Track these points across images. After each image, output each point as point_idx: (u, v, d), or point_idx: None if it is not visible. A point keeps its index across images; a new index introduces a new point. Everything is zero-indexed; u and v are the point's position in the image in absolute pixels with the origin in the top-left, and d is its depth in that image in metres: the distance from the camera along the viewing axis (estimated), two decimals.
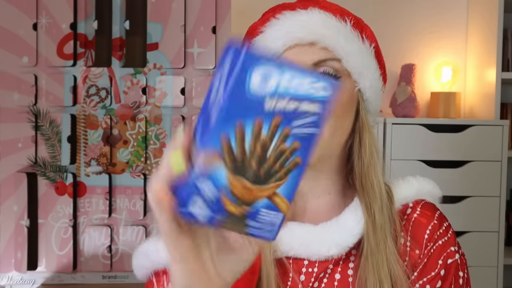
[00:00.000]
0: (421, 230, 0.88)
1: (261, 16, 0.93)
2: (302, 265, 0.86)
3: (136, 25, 2.05)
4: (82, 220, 2.05)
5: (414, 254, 0.86)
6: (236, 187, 0.50)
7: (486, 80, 2.40)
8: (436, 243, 0.87)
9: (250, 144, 0.49)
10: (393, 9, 2.61)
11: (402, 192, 0.90)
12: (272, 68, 0.49)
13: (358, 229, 0.85)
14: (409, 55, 2.60)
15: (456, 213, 2.22)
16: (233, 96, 0.48)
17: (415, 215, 0.89)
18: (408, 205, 0.90)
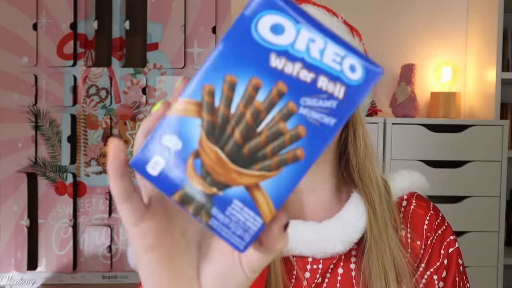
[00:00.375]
0: (419, 221, 0.89)
1: None
2: (306, 262, 0.87)
3: (136, 25, 2.05)
4: (82, 220, 2.05)
5: (416, 245, 0.88)
6: (208, 155, 0.39)
7: (486, 80, 2.40)
8: (436, 233, 0.89)
9: (238, 105, 0.38)
10: (393, 9, 2.61)
11: (397, 185, 0.92)
12: (293, 20, 0.37)
13: (362, 223, 0.85)
14: (409, 55, 2.60)
15: (456, 213, 2.22)
16: (231, 40, 0.38)
17: (412, 207, 0.91)
18: (403, 198, 0.92)
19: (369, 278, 0.84)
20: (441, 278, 0.87)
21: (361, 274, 0.85)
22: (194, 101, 0.38)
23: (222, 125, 0.38)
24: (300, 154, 0.38)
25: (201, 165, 0.38)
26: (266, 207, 0.39)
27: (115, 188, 0.41)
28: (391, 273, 0.83)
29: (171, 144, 0.39)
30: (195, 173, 0.39)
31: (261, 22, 0.37)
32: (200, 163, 0.38)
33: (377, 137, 2.22)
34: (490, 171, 2.24)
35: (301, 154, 0.38)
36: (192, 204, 0.39)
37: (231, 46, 0.38)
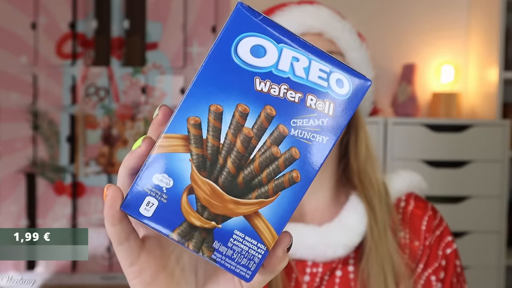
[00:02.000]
0: (418, 221, 0.90)
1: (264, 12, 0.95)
2: (306, 265, 0.86)
3: (136, 25, 2.05)
4: (81, 220, 2.04)
5: (414, 246, 0.88)
6: (202, 190, 0.38)
7: (488, 80, 2.39)
8: (434, 234, 0.89)
9: (226, 134, 0.37)
10: (394, 9, 2.60)
11: (395, 186, 0.92)
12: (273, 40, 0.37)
13: (362, 227, 0.86)
14: (410, 55, 2.59)
15: (457, 214, 2.21)
16: (212, 66, 0.37)
17: (410, 208, 0.91)
18: (401, 199, 0.92)
19: (368, 280, 0.84)
20: (439, 279, 0.87)
21: (359, 276, 0.85)
22: (180, 136, 0.37)
23: (213, 156, 0.37)
24: (296, 176, 0.38)
25: (196, 200, 0.38)
26: (268, 233, 0.38)
27: (112, 233, 0.41)
28: (390, 276, 0.83)
29: (162, 182, 0.38)
30: (191, 209, 0.38)
31: (241, 46, 0.37)
32: (195, 198, 0.38)
33: (377, 137, 2.21)
34: (492, 171, 2.23)
35: (297, 176, 0.38)
36: (192, 241, 0.38)
37: (212, 73, 0.37)
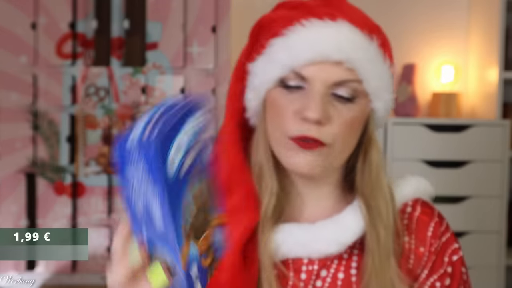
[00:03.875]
0: (424, 228, 0.88)
1: (275, 7, 0.89)
2: (301, 263, 0.86)
3: (136, 24, 2.05)
4: (81, 220, 2.04)
5: (419, 252, 0.87)
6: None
7: (488, 80, 2.39)
8: (441, 240, 0.88)
9: None
10: (394, 9, 2.60)
11: (402, 191, 0.90)
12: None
13: (358, 228, 0.85)
14: (410, 55, 2.59)
15: (457, 214, 2.21)
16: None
17: (417, 213, 0.89)
18: (408, 204, 0.90)
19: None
20: (445, 286, 0.87)
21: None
22: None
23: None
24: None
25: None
26: None
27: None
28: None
29: None
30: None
31: None
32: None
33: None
34: (492, 171, 2.23)
35: None
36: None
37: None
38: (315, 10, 0.83)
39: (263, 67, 0.84)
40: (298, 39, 0.81)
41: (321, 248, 0.84)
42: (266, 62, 0.84)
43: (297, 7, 0.85)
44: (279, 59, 0.82)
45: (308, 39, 0.81)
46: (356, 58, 0.81)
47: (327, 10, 0.83)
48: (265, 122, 0.86)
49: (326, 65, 0.80)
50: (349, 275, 0.86)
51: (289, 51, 0.81)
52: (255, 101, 0.87)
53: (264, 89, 0.84)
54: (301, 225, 0.86)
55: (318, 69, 0.80)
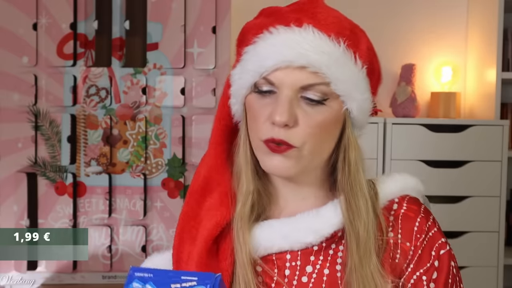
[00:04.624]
0: (410, 223, 0.90)
1: (258, 14, 0.93)
2: (285, 260, 0.88)
3: (136, 25, 2.05)
4: (82, 220, 2.05)
5: (405, 246, 0.89)
6: None
7: (486, 80, 2.40)
8: (427, 235, 0.90)
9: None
10: (393, 9, 2.61)
11: (387, 188, 0.93)
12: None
13: (336, 221, 0.88)
14: (409, 55, 2.60)
15: (456, 213, 2.22)
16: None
17: (402, 210, 0.91)
18: (394, 201, 0.92)
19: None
20: (432, 280, 0.88)
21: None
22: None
23: None
24: None
25: None
26: None
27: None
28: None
29: None
30: None
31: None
32: None
33: (377, 137, 2.22)
34: (490, 171, 2.24)
35: None
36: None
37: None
38: (284, 17, 0.86)
39: (239, 74, 0.89)
40: (265, 46, 0.85)
41: (300, 237, 0.87)
42: (241, 69, 0.89)
43: (271, 14, 0.89)
44: (249, 66, 0.86)
45: (273, 46, 0.84)
46: (320, 62, 0.83)
47: (295, 15, 0.86)
48: (246, 125, 0.90)
49: (291, 70, 0.83)
50: (334, 270, 0.88)
51: (257, 58, 0.86)
52: (236, 106, 0.92)
53: (241, 94, 0.89)
54: (280, 219, 0.90)
55: (284, 75, 0.84)
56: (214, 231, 0.88)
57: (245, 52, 0.88)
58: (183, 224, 0.92)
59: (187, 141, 2.05)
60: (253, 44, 0.87)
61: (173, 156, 2.05)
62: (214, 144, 0.95)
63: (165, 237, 2.06)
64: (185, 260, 0.88)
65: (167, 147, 2.05)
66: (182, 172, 2.06)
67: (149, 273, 0.65)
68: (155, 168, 2.05)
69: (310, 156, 0.86)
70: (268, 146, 0.85)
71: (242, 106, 0.91)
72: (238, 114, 0.93)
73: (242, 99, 0.90)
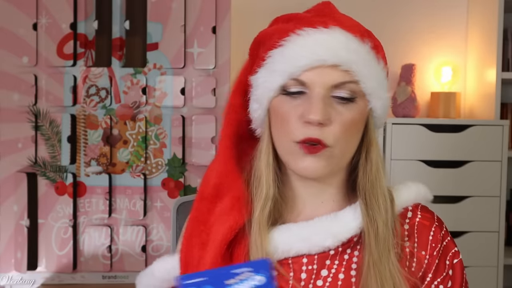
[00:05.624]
0: (425, 232, 0.92)
1: (272, 22, 0.94)
2: (301, 263, 0.88)
3: (136, 25, 2.05)
4: (82, 220, 2.05)
5: (421, 255, 0.90)
6: None
7: (486, 80, 2.40)
8: (442, 244, 0.91)
9: None
10: (393, 9, 2.61)
11: (402, 196, 0.93)
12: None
13: (355, 224, 0.88)
14: (409, 55, 2.60)
15: (456, 213, 2.22)
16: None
17: (417, 219, 0.93)
18: (408, 209, 0.93)
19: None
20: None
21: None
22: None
23: None
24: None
25: None
26: None
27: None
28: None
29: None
30: None
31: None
32: None
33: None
34: (490, 171, 2.24)
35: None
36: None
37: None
38: (309, 20, 0.88)
39: (264, 78, 0.89)
40: (294, 48, 0.86)
41: (318, 241, 0.87)
42: (267, 72, 0.88)
43: (291, 19, 0.90)
44: (278, 68, 0.86)
45: (304, 46, 0.85)
46: (351, 60, 0.85)
47: (319, 19, 0.88)
48: (269, 130, 0.90)
49: (323, 69, 0.85)
50: (349, 275, 0.88)
51: (287, 60, 0.86)
52: (259, 111, 0.91)
53: (267, 98, 0.89)
54: (298, 223, 0.90)
55: (316, 74, 0.85)
56: (228, 235, 0.87)
57: (270, 55, 0.88)
58: (192, 228, 0.91)
59: (187, 141, 2.05)
60: (280, 47, 0.87)
61: (173, 156, 2.05)
62: (224, 150, 0.94)
63: (165, 237, 2.06)
64: (195, 265, 0.87)
65: (167, 147, 2.05)
66: (182, 172, 2.06)
67: (200, 277, 0.65)
68: (155, 168, 2.05)
69: (341, 155, 0.87)
70: (303, 147, 0.85)
71: (265, 111, 0.90)
72: (260, 119, 0.92)
73: (267, 103, 0.89)
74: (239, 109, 0.95)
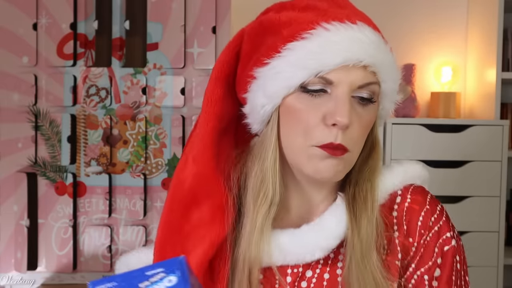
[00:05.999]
0: (414, 217, 0.86)
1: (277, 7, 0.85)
2: (287, 267, 0.85)
3: (136, 25, 2.05)
4: (82, 220, 2.05)
5: (408, 242, 0.85)
6: None
7: (486, 80, 2.40)
8: (431, 230, 0.85)
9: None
10: (393, 9, 2.61)
11: (386, 181, 0.88)
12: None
13: (339, 231, 0.83)
14: (409, 55, 2.60)
15: (456, 213, 2.22)
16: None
17: (406, 204, 0.87)
18: (397, 193, 0.88)
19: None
20: (434, 278, 0.85)
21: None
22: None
23: None
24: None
25: None
26: None
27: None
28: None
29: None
30: None
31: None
32: None
33: None
34: (490, 171, 2.24)
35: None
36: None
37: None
38: (332, 12, 0.80)
39: (280, 72, 0.80)
40: (325, 43, 0.78)
41: (306, 256, 0.83)
42: (285, 66, 0.79)
43: (306, 8, 0.82)
44: (304, 64, 0.78)
45: (337, 43, 0.78)
46: (382, 61, 0.81)
47: (341, 11, 0.81)
48: (278, 129, 0.83)
49: (354, 69, 0.78)
50: (335, 275, 0.85)
51: (316, 56, 0.78)
52: (267, 107, 0.82)
53: (282, 94, 0.80)
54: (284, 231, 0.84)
55: (344, 73, 0.78)
56: (210, 251, 0.81)
57: (289, 48, 0.79)
58: (165, 236, 0.84)
59: None
60: (302, 40, 0.79)
61: (173, 156, 2.05)
62: (202, 149, 0.84)
63: None
64: None
65: (167, 147, 2.05)
66: None
67: (110, 281, 0.61)
68: (155, 168, 2.05)
69: (355, 158, 0.83)
70: (327, 150, 0.79)
71: (274, 108, 0.82)
72: (265, 116, 0.83)
73: (280, 99, 0.81)
74: (221, 100, 0.88)
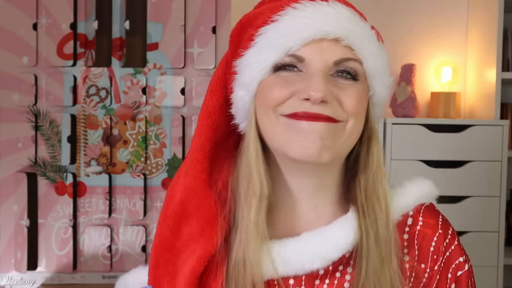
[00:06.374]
0: (426, 242, 0.83)
1: (256, 6, 0.85)
2: (288, 285, 0.80)
3: (136, 25, 2.05)
4: (82, 220, 2.05)
5: (420, 268, 0.82)
6: None
7: (486, 80, 2.40)
8: (444, 255, 0.83)
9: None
10: (393, 9, 2.61)
11: (400, 201, 0.83)
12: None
13: (347, 242, 0.79)
14: (409, 55, 2.60)
15: (456, 213, 2.22)
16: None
17: (418, 227, 0.83)
18: (409, 214, 0.84)
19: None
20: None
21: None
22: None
23: None
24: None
25: None
26: None
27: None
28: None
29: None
30: None
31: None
32: None
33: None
34: (490, 171, 2.24)
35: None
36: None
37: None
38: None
39: (255, 57, 0.78)
40: (292, 20, 0.76)
41: (306, 265, 0.79)
42: (257, 51, 0.78)
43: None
44: (272, 44, 0.76)
45: (304, 18, 0.75)
46: (356, 33, 0.76)
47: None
48: (255, 117, 0.80)
49: (325, 43, 0.75)
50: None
51: (283, 33, 0.76)
52: (245, 97, 0.81)
53: (256, 80, 0.78)
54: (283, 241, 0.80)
55: (315, 49, 0.75)
56: (198, 266, 0.77)
57: (261, 33, 0.77)
58: (157, 257, 0.81)
59: (187, 141, 2.05)
60: (273, 22, 0.77)
61: (173, 156, 2.05)
62: (194, 162, 0.82)
63: None
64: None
65: (167, 147, 2.05)
66: None
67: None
68: (155, 168, 2.05)
69: (349, 134, 0.77)
70: (299, 119, 0.74)
71: (252, 97, 0.80)
72: (245, 108, 0.81)
73: (256, 85, 0.79)
74: (216, 112, 0.85)
